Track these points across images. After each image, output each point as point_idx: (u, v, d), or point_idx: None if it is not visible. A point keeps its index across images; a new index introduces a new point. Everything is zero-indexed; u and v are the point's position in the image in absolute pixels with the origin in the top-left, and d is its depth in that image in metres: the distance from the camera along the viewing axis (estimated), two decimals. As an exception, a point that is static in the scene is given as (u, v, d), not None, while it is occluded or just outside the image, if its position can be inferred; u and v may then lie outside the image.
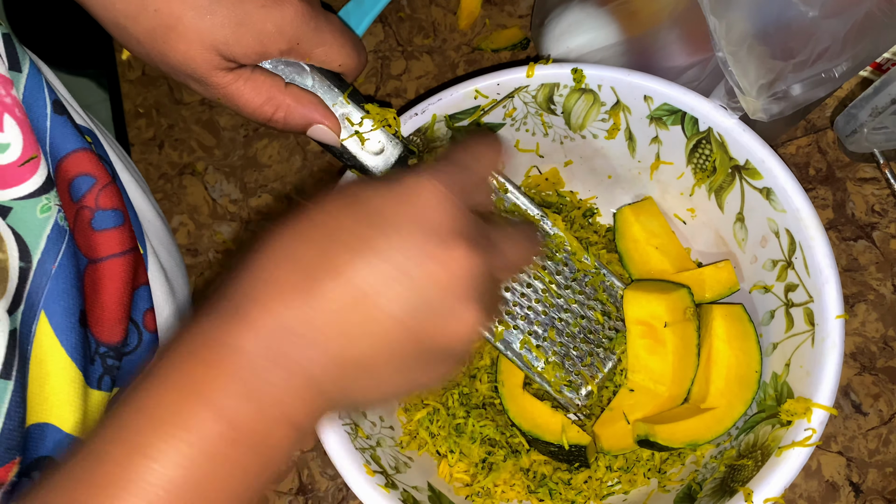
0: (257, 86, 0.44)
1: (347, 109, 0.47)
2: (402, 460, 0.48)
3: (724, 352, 0.48)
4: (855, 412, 0.54)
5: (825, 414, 0.42)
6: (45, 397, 0.40)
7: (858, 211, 0.58)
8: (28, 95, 0.43)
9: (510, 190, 0.49)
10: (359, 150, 0.48)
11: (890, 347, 0.55)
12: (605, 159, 0.54)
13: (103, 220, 0.44)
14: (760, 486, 0.41)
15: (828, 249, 0.44)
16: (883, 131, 0.49)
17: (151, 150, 0.65)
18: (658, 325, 0.49)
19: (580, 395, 0.50)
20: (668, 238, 0.54)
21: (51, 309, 0.40)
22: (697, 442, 0.47)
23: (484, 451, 0.51)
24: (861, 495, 0.53)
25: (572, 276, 0.51)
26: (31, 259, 0.40)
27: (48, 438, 0.39)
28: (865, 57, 0.42)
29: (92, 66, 0.71)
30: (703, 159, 0.49)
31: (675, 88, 0.47)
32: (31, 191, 0.40)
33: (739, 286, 0.51)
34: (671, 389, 0.49)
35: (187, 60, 0.42)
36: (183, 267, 0.56)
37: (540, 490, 0.50)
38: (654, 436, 0.47)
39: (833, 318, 0.43)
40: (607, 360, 0.51)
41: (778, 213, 0.46)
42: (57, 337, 0.40)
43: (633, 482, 0.50)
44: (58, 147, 0.44)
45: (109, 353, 0.43)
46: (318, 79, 0.47)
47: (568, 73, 0.48)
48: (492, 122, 0.52)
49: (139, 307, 0.46)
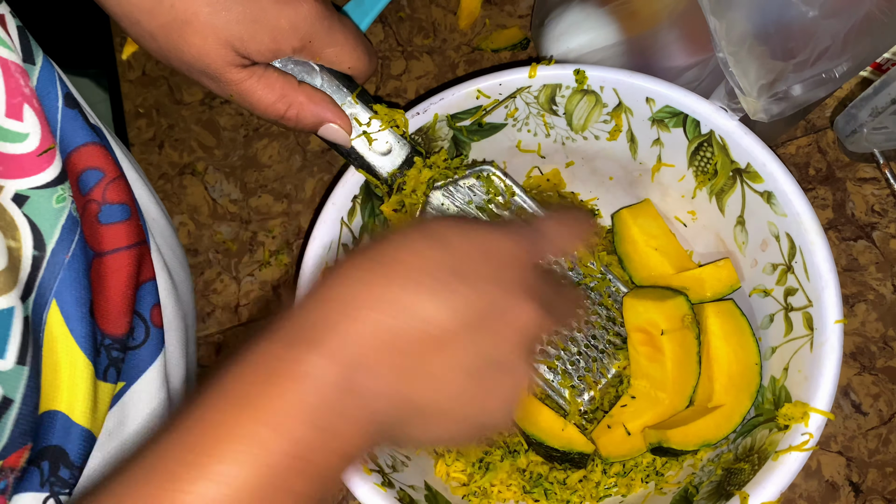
0: (271, 83, 0.44)
1: (356, 110, 0.48)
2: (399, 459, 0.48)
3: (722, 349, 0.48)
4: (855, 412, 0.54)
5: (822, 419, 0.42)
6: (57, 385, 0.40)
7: (858, 211, 0.58)
8: (41, 87, 0.43)
9: (517, 193, 0.49)
10: (366, 151, 0.48)
11: (890, 347, 0.55)
12: (606, 161, 0.54)
13: (111, 213, 0.44)
14: (757, 490, 0.41)
15: (828, 254, 0.44)
16: (883, 131, 0.49)
17: (151, 150, 0.65)
18: (655, 332, 0.49)
19: (583, 399, 0.50)
20: (666, 239, 0.54)
21: (62, 298, 0.40)
22: (711, 441, 0.47)
23: (481, 450, 0.51)
24: (861, 495, 0.53)
25: (578, 282, 0.51)
26: (45, 248, 0.40)
27: (58, 427, 0.39)
28: (866, 57, 0.42)
29: (92, 66, 0.71)
30: (705, 162, 0.49)
31: (676, 91, 0.47)
32: (48, 181, 0.40)
33: (740, 284, 0.51)
34: (672, 397, 0.49)
35: (202, 56, 0.43)
36: (186, 265, 0.57)
37: (535, 490, 0.50)
38: (667, 441, 0.47)
39: (832, 323, 0.43)
40: (610, 366, 0.51)
41: (778, 216, 0.46)
42: (68, 326, 0.40)
43: (631, 486, 0.50)
44: (68, 140, 0.44)
45: (114, 346, 0.43)
46: (327, 78, 0.47)
47: (570, 74, 0.48)
48: (493, 122, 0.52)
49: (146, 302, 0.46)
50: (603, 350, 0.51)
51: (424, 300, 0.31)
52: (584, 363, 0.51)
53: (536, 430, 0.49)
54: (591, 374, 0.50)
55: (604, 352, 0.51)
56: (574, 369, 0.50)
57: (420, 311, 0.31)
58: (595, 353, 0.51)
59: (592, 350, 0.51)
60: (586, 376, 0.50)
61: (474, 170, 0.49)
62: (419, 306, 0.30)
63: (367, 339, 0.30)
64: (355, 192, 0.49)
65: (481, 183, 0.49)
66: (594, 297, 0.51)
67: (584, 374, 0.50)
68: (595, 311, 0.51)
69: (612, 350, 0.51)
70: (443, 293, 0.31)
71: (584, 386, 0.50)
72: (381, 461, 0.46)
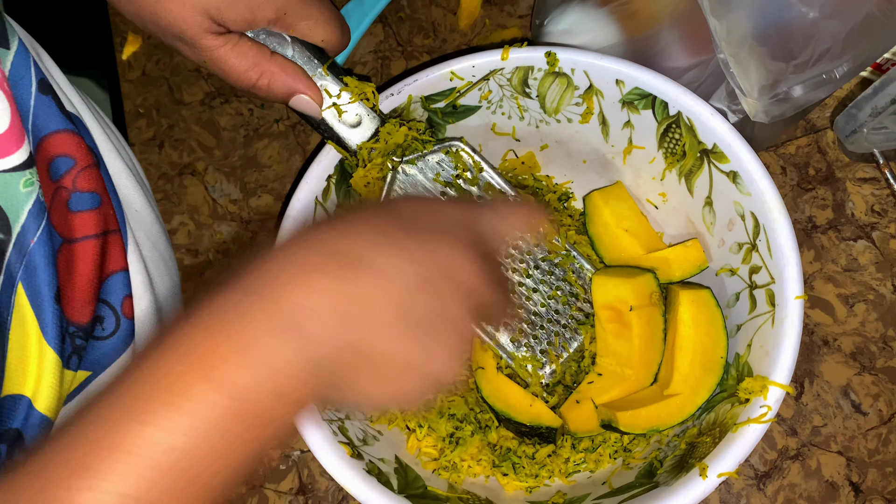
0: (244, 51, 0.45)
1: (326, 81, 0.48)
2: (371, 434, 0.49)
3: (690, 338, 0.49)
4: (855, 412, 0.55)
5: (781, 392, 0.43)
6: (24, 370, 0.40)
7: (858, 211, 0.58)
8: (14, 72, 0.43)
9: (485, 168, 0.50)
10: (336, 122, 0.49)
11: (890, 347, 0.55)
12: (579, 143, 0.54)
13: (80, 201, 0.45)
14: (715, 461, 0.43)
15: (790, 231, 0.45)
16: (883, 131, 0.49)
17: (151, 150, 0.65)
18: (624, 308, 0.50)
19: (545, 372, 0.51)
20: (637, 221, 0.54)
21: (28, 283, 0.40)
22: (659, 428, 0.48)
23: (452, 425, 0.51)
24: (861, 495, 0.53)
25: (542, 258, 0.52)
26: (11, 232, 0.40)
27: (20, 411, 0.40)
28: (866, 58, 0.42)
29: (92, 66, 0.71)
30: (674, 143, 0.50)
31: (645, 72, 0.48)
32: (17, 164, 0.40)
33: (708, 264, 0.52)
34: (638, 373, 0.50)
35: (178, 22, 0.43)
36: (171, 263, 0.56)
37: (504, 464, 0.51)
38: (615, 422, 0.48)
39: (793, 299, 0.44)
40: (573, 341, 0.52)
41: (743, 196, 0.47)
42: (33, 311, 0.40)
43: (599, 461, 0.51)
44: (40, 126, 0.44)
45: (78, 333, 0.43)
46: (299, 49, 0.48)
47: (542, 56, 0.49)
48: (468, 105, 0.52)
49: (117, 292, 0.46)
50: (565, 325, 0.52)
51: (373, 252, 0.32)
52: (546, 337, 0.52)
53: (505, 405, 0.50)
54: (554, 349, 0.52)
55: (566, 326, 0.52)
56: (536, 342, 0.51)
57: (367, 262, 0.32)
58: (557, 327, 0.52)
59: (555, 325, 0.52)
60: (549, 350, 0.52)
61: (443, 144, 0.50)
62: (366, 257, 0.32)
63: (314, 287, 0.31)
64: (329, 172, 0.50)
65: (450, 158, 0.50)
66: (558, 273, 0.52)
67: (547, 348, 0.52)
68: (559, 287, 0.52)
69: (575, 325, 0.52)
70: (391, 247, 0.33)
71: (546, 360, 0.51)
72: (352, 434, 0.47)
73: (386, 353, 0.32)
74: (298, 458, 0.57)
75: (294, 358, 0.30)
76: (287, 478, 0.57)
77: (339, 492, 0.56)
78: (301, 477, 0.57)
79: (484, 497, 0.49)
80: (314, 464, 0.57)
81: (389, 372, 0.33)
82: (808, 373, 0.55)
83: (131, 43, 0.67)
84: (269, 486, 0.57)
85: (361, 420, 0.49)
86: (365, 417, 0.50)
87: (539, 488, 0.51)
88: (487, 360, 0.52)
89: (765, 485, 0.54)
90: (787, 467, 0.54)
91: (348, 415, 0.48)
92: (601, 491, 0.48)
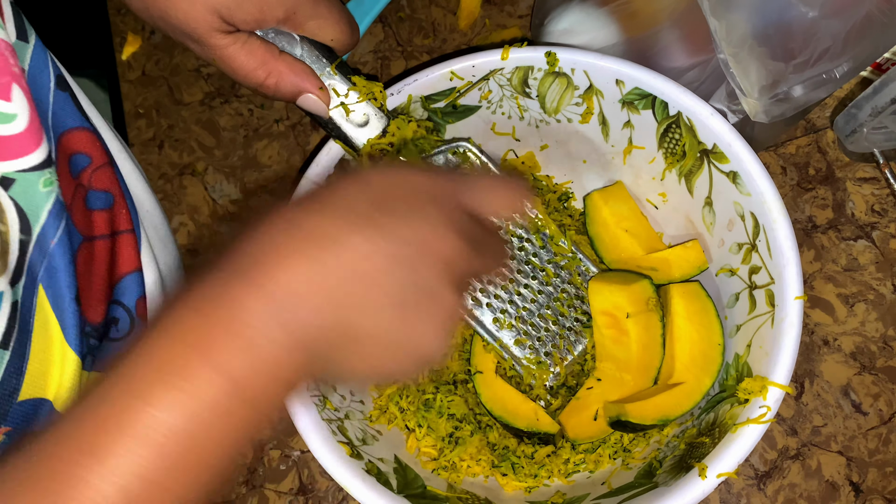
0: (252, 50, 0.45)
1: (334, 81, 0.48)
2: (370, 433, 0.49)
3: (685, 328, 0.49)
4: (855, 412, 0.54)
5: (781, 392, 0.43)
6: (46, 373, 0.40)
7: (858, 211, 0.58)
8: (33, 68, 0.43)
9: (493, 169, 0.50)
10: (343, 122, 0.49)
11: (890, 347, 0.55)
12: (579, 144, 0.54)
13: (94, 200, 0.45)
14: (715, 461, 0.43)
15: (789, 231, 0.45)
16: (883, 131, 0.49)
17: (151, 151, 0.65)
18: (621, 315, 0.50)
19: (549, 375, 0.51)
20: (637, 221, 0.54)
21: (49, 284, 0.40)
22: (669, 417, 0.48)
23: (451, 425, 0.51)
24: (861, 495, 0.53)
25: (548, 260, 0.52)
26: (32, 232, 0.40)
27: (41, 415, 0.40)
28: (866, 57, 0.42)
29: (92, 66, 0.71)
30: (674, 143, 0.50)
31: (645, 72, 0.48)
32: (36, 163, 0.40)
33: (708, 265, 0.52)
34: (636, 378, 0.50)
35: (188, 20, 0.43)
36: (177, 260, 0.56)
37: (503, 464, 0.51)
38: (626, 415, 0.48)
39: (792, 299, 0.44)
40: (577, 344, 0.52)
41: (743, 196, 0.47)
42: (55, 313, 0.40)
43: (599, 462, 0.51)
44: (59, 123, 0.44)
45: (92, 334, 0.43)
46: (308, 49, 0.48)
47: (542, 56, 0.49)
48: (468, 105, 0.52)
49: (132, 293, 0.46)
50: (570, 328, 0.52)
51: (350, 233, 0.32)
52: (551, 339, 0.52)
53: (503, 411, 0.51)
54: (558, 351, 0.52)
55: (571, 329, 0.52)
56: (541, 345, 0.51)
57: (342, 242, 0.32)
58: (563, 330, 0.52)
59: (560, 327, 0.52)
60: (553, 353, 0.52)
61: (451, 145, 0.50)
62: (344, 238, 0.32)
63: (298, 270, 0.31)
64: (331, 169, 0.50)
65: (457, 159, 0.50)
66: (563, 275, 0.52)
67: (551, 351, 0.52)
68: (564, 289, 0.52)
69: (580, 328, 0.52)
70: (365, 226, 0.33)
71: (551, 362, 0.51)
72: (351, 434, 0.47)
73: (371, 333, 0.33)
74: (298, 459, 0.57)
75: (284, 339, 0.31)
76: (287, 478, 0.57)
77: (339, 492, 0.56)
78: (301, 477, 0.57)
79: (483, 497, 0.49)
80: (314, 464, 0.57)
81: (376, 349, 0.33)
82: (809, 373, 0.55)
83: (131, 43, 0.67)
84: (270, 487, 0.57)
85: (360, 420, 0.49)
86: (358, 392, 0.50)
87: (538, 488, 0.51)
88: (487, 363, 0.52)
89: (765, 485, 0.54)
90: (788, 467, 0.54)
91: (347, 414, 0.48)
92: (600, 491, 0.48)
